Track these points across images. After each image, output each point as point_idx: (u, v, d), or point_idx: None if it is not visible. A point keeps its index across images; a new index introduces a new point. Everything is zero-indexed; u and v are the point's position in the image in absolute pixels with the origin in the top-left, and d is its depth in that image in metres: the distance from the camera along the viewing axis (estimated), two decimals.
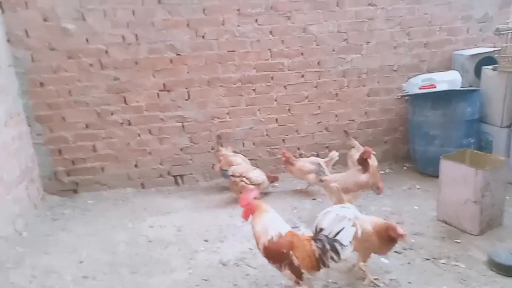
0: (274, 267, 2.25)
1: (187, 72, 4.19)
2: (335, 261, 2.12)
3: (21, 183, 3.65)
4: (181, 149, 4.37)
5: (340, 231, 2.10)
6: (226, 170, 3.86)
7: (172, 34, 4.06)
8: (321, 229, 2.15)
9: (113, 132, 4.19)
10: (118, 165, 4.27)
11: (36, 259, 3.00)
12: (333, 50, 4.39)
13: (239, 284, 2.62)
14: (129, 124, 4.20)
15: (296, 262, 2.12)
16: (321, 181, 3.47)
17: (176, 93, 4.23)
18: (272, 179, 4.07)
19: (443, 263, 2.73)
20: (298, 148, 4.54)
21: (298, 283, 2.18)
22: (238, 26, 4.16)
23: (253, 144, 4.46)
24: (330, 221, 2.14)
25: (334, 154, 3.95)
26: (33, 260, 2.98)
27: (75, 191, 4.22)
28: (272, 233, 2.18)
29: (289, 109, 4.48)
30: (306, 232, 3.23)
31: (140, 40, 4.02)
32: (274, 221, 2.26)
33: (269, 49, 4.27)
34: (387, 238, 2.42)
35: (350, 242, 2.11)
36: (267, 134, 4.51)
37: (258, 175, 3.91)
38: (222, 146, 4.19)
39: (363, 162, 3.24)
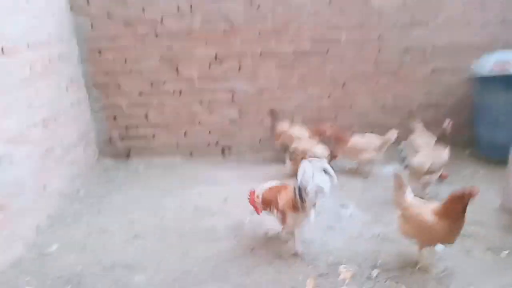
0: (269, 213, 2.70)
1: (240, 44, 4.12)
2: (303, 204, 2.43)
3: (79, 145, 3.84)
4: (230, 121, 4.36)
5: (307, 180, 2.40)
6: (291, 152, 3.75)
7: (227, 4, 3.98)
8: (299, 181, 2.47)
9: (164, 101, 4.25)
10: (168, 133, 4.36)
11: (91, 217, 3.16)
12: (395, 25, 4.09)
13: (284, 256, 2.58)
14: (180, 94, 4.24)
15: (280, 204, 2.56)
16: (406, 167, 3.19)
17: (228, 64, 4.18)
18: (333, 158, 3.84)
19: (505, 256, 2.52)
20: (351, 126, 4.35)
21: (284, 222, 2.58)
22: None
23: (303, 120, 4.33)
24: (301, 174, 2.42)
25: (393, 133, 3.67)
26: (89, 218, 3.14)
27: (127, 156, 4.38)
28: (262, 188, 2.76)
29: (343, 85, 4.29)
30: (354, 212, 3.13)
31: (195, 10, 3.98)
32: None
33: (326, 21, 4.07)
34: (459, 211, 2.20)
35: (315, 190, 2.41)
36: (318, 110, 4.36)
37: (322, 150, 3.72)
38: (278, 121, 4.10)
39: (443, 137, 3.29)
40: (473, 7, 4.04)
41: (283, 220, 2.58)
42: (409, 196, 2.49)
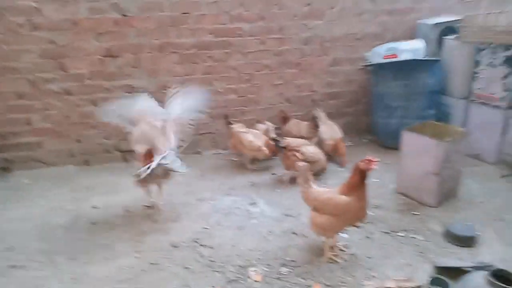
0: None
1: (135, 36, 3.77)
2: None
3: None
4: None
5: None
6: (279, 141, 3.48)
7: None
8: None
9: (50, 104, 3.73)
10: (58, 140, 3.85)
11: None
12: (295, 16, 4.11)
13: (192, 266, 2.41)
14: (69, 94, 3.75)
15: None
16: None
17: (123, 59, 3.81)
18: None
19: (402, 236, 2.68)
20: (258, 121, 4.31)
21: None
22: None
23: (210, 116, 4.17)
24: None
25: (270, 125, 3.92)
26: None
27: (7, 170, 3.77)
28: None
29: (248, 79, 4.21)
30: (265, 209, 3.09)
31: None
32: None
33: (226, 12, 3.92)
34: (361, 182, 2.25)
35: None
36: (225, 106, 4.23)
37: (314, 151, 3.50)
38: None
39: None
40: None
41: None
42: (315, 186, 2.48)
